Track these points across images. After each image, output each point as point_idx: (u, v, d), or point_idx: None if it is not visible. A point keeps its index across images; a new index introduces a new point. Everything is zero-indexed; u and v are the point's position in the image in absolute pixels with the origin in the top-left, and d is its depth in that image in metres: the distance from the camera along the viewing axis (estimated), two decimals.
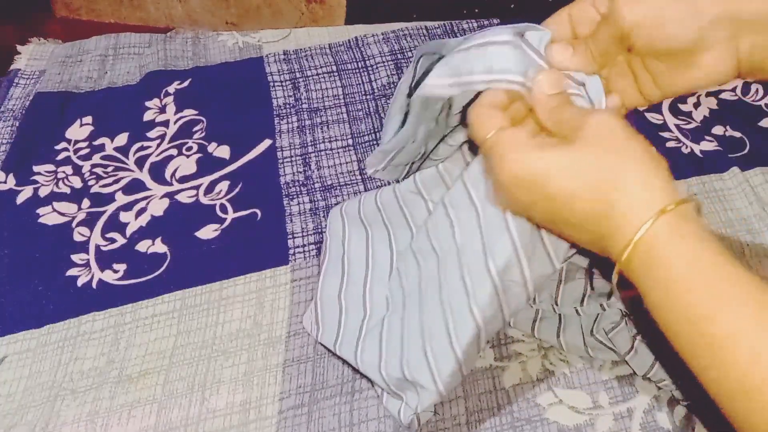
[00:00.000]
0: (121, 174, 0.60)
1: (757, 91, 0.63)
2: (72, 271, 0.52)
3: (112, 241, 0.54)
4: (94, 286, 0.51)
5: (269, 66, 0.71)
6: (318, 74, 0.69)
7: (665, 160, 0.31)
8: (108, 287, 0.51)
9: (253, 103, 0.66)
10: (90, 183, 0.59)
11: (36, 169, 0.60)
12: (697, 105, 0.62)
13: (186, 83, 0.69)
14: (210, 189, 0.58)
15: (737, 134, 0.59)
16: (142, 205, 0.57)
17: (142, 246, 0.54)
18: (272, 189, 0.58)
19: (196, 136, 0.63)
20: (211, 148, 0.62)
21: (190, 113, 0.66)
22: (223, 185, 0.58)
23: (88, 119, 0.65)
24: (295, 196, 0.57)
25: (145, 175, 0.59)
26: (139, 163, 0.61)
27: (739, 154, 0.57)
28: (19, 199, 0.58)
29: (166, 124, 0.65)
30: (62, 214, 0.56)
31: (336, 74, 0.69)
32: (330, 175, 0.58)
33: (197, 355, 0.46)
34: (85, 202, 0.57)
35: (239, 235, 0.54)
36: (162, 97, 0.67)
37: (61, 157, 0.62)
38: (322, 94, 0.67)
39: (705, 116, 0.61)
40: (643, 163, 0.31)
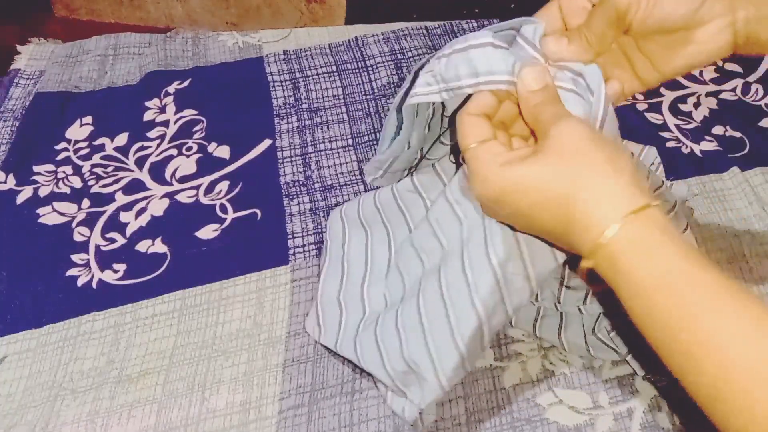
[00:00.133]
0: (121, 174, 0.60)
1: (757, 91, 0.63)
2: (72, 271, 0.52)
3: (112, 241, 0.54)
4: (94, 286, 0.51)
5: (269, 66, 0.71)
6: (318, 74, 0.69)
7: (631, 165, 0.31)
8: (108, 287, 0.51)
9: (253, 103, 0.66)
10: (90, 183, 0.59)
11: (36, 169, 0.60)
12: (697, 105, 0.62)
13: (186, 83, 0.69)
14: (210, 189, 0.58)
15: (737, 134, 0.59)
16: (142, 205, 0.57)
17: (142, 246, 0.54)
18: (272, 189, 0.58)
19: (196, 136, 0.63)
20: (211, 148, 0.62)
21: (190, 113, 0.66)
22: (223, 185, 0.58)
23: (88, 119, 0.65)
24: (295, 196, 0.57)
25: (145, 175, 0.59)
26: (139, 163, 0.61)
27: (739, 154, 0.57)
28: (19, 199, 0.58)
29: (166, 124, 0.65)
30: (62, 214, 0.56)
31: (336, 74, 0.69)
32: (330, 175, 0.58)
33: (197, 355, 0.46)
34: (85, 202, 0.57)
35: (239, 235, 0.54)
36: (162, 97, 0.67)
37: (61, 157, 0.62)
38: (322, 94, 0.67)
39: (705, 116, 0.61)
40: (602, 172, 0.30)
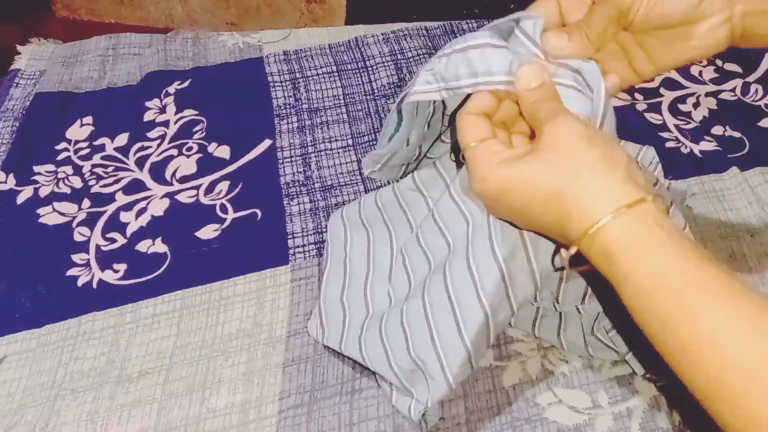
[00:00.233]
0: (122, 174, 0.60)
1: (756, 91, 0.63)
2: (72, 271, 0.52)
3: (113, 241, 0.54)
4: (95, 286, 0.51)
5: (269, 66, 0.71)
6: (318, 74, 0.69)
7: (625, 161, 0.31)
8: (108, 287, 0.51)
9: (253, 104, 0.67)
10: (90, 183, 0.59)
11: (36, 169, 0.61)
12: (697, 105, 0.63)
13: (186, 83, 0.69)
14: (210, 189, 0.58)
15: (737, 134, 0.59)
16: (143, 205, 0.57)
17: (143, 246, 0.54)
18: (272, 189, 0.58)
19: (197, 136, 0.63)
20: (211, 148, 0.62)
21: (190, 113, 0.66)
22: (223, 185, 0.58)
23: (89, 119, 0.66)
24: (295, 196, 0.57)
25: (145, 175, 0.59)
26: (140, 163, 0.61)
27: (738, 154, 0.57)
28: (20, 199, 0.58)
29: (166, 124, 0.65)
30: (62, 214, 0.56)
31: (336, 74, 0.69)
32: (330, 175, 0.58)
33: (197, 355, 0.46)
34: (86, 202, 0.57)
35: (239, 235, 0.54)
36: (162, 98, 0.67)
37: (61, 157, 0.62)
38: (322, 95, 0.67)
39: (704, 116, 0.61)
40: (596, 169, 0.30)
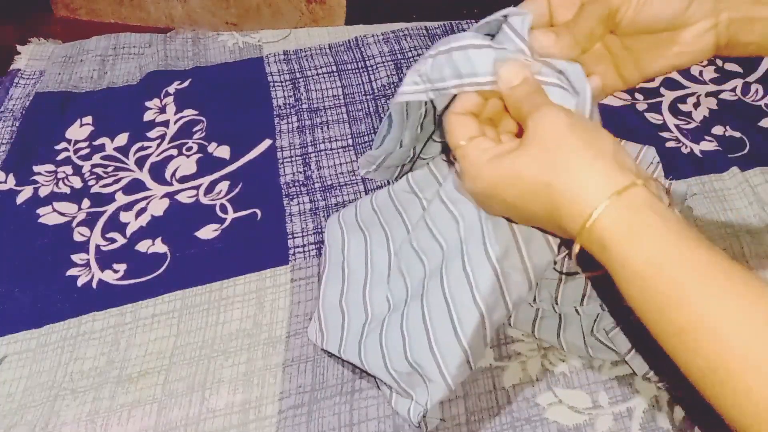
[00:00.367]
0: (121, 174, 0.60)
1: (756, 91, 0.63)
2: (72, 271, 0.52)
3: (113, 241, 0.54)
4: (94, 286, 0.51)
5: (269, 66, 0.71)
6: (318, 74, 0.69)
7: (612, 147, 0.31)
8: (108, 287, 0.51)
9: (253, 103, 0.66)
10: (90, 183, 0.59)
11: (36, 169, 0.60)
12: (697, 105, 0.62)
13: (186, 83, 0.69)
14: (210, 189, 0.58)
15: (737, 134, 0.59)
16: (142, 205, 0.57)
17: (143, 246, 0.54)
18: (272, 189, 0.58)
19: (196, 136, 0.63)
20: (211, 148, 0.62)
21: (190, 113, 0.66)
22: (223, 185, 0.58)
23: (88, 119, 0.65)
24: (295, 196, 0.57)
25: (145, 175, 0.59)
26: (139, 163, 0.61)
27: (738, 154, 0.57)
28: (19, 199, 0.58)
29: (166, 124, 0.65)
30: (62, 214, 0.56)
31: (336, 74, 0.69)
32: (330, 175, 0.58)
33: (197, 355, 0.46)
34: (85, 202, 0.57)
35: (239, 235, 0.54)
36: (162, 97, 0.67)
37: (61, 157, 0.62)
38: (322, 94, 0.67)
39: (705, 116, 0.61)
40: (582, 157, 0.30)
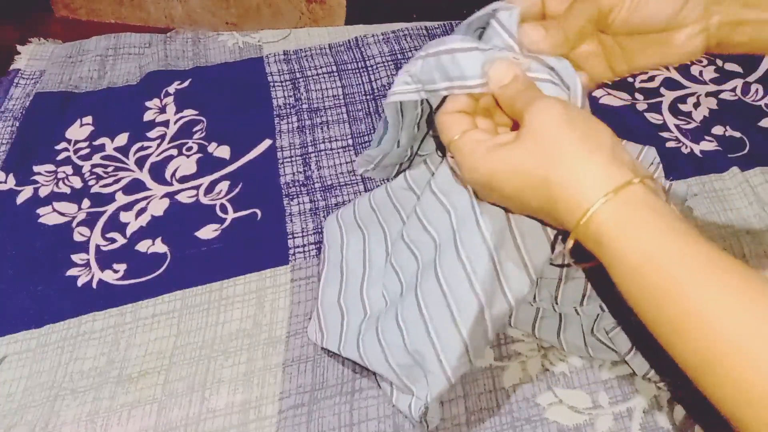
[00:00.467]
0: (121, 174, 0.60)
1: (756, 91, 0.63)
2: (72, 271, 0.52)
3: (113, 241, 0.54)
4: (94, 286, 0.51)
5: (269, 66, 0.71)
6: (318, 74, 0.69)
7: (609, 141, 0.31)
8: (108, 287, 0.51)
9: (253, 103, 0.66)
10: (90, 183, 0.59)
11: (36, 169, 0.60)
12: (697, 105, 0.62)
13: (186, 83, 0.69)
14: (210, 189, 0.58)
15: (737, 134, 0.59)
16: (142, 205, 0.57)
17: (143, 246, 0.54)
18: (272, 189, 0.58)
19: (196, 136, 0.63)
20: (211, 148, 0.62)
21: (190, 113, 0.66)
22: (223, 185, 0.58)
23: (88, 119, 0.65)
24: (295, 196, 0.57)
25: (145, 175, 0.59)
26: (140, 163, 0.61)
27: (738, 154, 0.57)
28: (19, 199, 0.58)
29: (166, 124, 0.65)
30: (62, 214, 0.56)
31: (336, 74, 0.69)
32: (330, 175, 0.58)
33: (197, 355, 0.46)
34: (85, 202, 0.57)
35: (239, 235, 0.54)
36: (162, 97, 0.67)
37: (61, 157, 0.62)
38: (322, 94, 0.67)
39: (705, 116, 0.61)
40: (578, 152, 0.31)
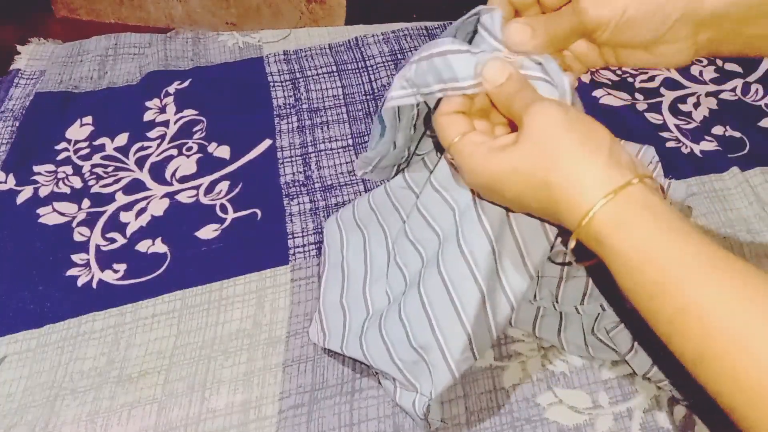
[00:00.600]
0: (122, 174, 0.60)
1: (756, 91, 0.63)
2: (72, 271, 0.52)
3: (113, 241, 0.54)
4: (94, 286, 0.51)
5: (269, 66, 0.71)
6: (318, 74, 0.69)
7: (608, 142, 0.31)
8: (108, 287, 0.51)
9: (253, 103, 0.66)
10: (90, 183, 0.59)
11: (36, 169, 0.60)
12: (697, 105, 0.62)
13: (186, 83, 0.69)
14: (210, 189, 0.58)
15: (737, 134, 0.59)
16: (143, 205, 0.57)
17: (143, 246, 0.54)
18: (272, 189, 0.58)
19: (196, 136, 0.63)
20: (211, 148, 0.62)
21: (190, 113, 0.66)
22: (223, 185, 0.58)
23: (88, 119, 0.65)
24: (295, 196, 0.57)
25: (145, 175, 0.59)
26: (140, 163, 0.61)
27: (738, 154, 0.57)
28: (19, 199, 0.58)
29: (166, 124, 0.65)
30: (62, 214, 0.56)
31: (336, 74, 0.69)
32: (330, 175, 0.58)
33: (197, 355, 0.46)
34: (86, 202, 0.57)
35: (239, 235, 0.54)
36: (162, 97, 0.67)
37: (61, 157, 0.62)
38: (322, 94, 0.67)
39: (705, 116, 0.61)
40: (578, 155, 0.31)
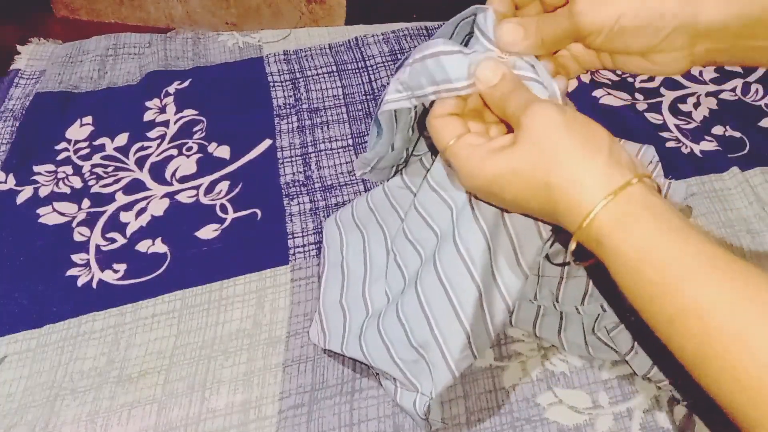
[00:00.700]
0: (122, 174, 0.60)
1: (756, 91, 0.63)
2: (72, 271, 0.52)
3: (113, 241, 0.54)
4: (94, 286, 0.51)
5: (269, 66, 0.71)
6: (318, 74, 0.69)
7: (607, 143, 0.31)
8: (108, 287, 0.51)
9: (253, 103, 0.66)
10: (90, 183, 0.59)
11: (36, 169, 0.60)
12: (697, 105, 0.62)
13: (186, 83, 0.69)
14: (210, 189, 0.58)
15: (737, 134, 0.59)
16: (143, 205, 0.57)
17: (143, 246, 0.54)
18: (272, 189, 0.58)
19: (196, 136, 0.63)
20: (211, 148, 0.62)
21: (190, 113, 0.66)
22: (223, 185, 0.58)
23: (88, 119, 0.65)
24: (295, 196, 0.57)
25: (145, 175, 0.59)
26: (140, 163, 0.61)
27: (739, 154, 0.57)
28: (19, 199, 0.58)
29: (166, 124, 0.65)
30: (62, 214, 0.56)
31: (336, 74, 0.69)
32: (330, 175, 0.58)
33: (197, 355, 0.46)
34: (86, 202, 0.57)
35: (239, 235, 0.54)
36: (162, 97, 0.67)
37: (61, 157, 0.62)
38: (322, 94, 0.67)
39: (705, 116, 0.61)
40: (577, 156, 0.31)
